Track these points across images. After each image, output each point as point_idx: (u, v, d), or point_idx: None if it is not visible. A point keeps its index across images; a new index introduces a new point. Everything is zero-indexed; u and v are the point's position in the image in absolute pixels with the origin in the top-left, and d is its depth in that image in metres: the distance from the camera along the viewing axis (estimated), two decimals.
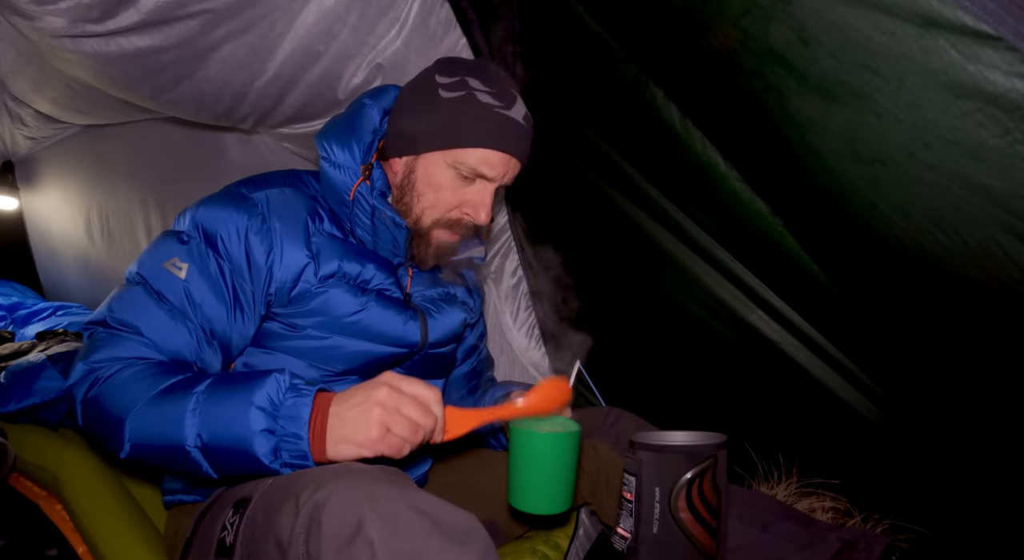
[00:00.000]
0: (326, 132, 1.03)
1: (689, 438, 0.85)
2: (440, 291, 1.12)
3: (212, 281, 0.90)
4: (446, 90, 0.97)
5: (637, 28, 0.98)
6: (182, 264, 0.89)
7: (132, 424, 0.77)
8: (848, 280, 0.96)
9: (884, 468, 1.13)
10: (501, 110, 0.97)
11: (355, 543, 0.61)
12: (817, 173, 0.84)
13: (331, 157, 1.00)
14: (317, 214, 1.00)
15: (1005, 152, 0.67)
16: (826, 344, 1.09)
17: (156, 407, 0.77)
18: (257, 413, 0.74)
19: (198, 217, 0.93)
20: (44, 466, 1.17)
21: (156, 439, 0.76)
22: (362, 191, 0.99)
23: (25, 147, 2.54)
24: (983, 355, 0.89)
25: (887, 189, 0.78)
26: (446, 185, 0.99)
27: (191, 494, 0.96)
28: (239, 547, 0.73)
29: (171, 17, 1.13)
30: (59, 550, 1.08)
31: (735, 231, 1.06)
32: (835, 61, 0.73)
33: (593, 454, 1.08)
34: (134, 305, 0.87)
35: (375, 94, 1.06)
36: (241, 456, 0.74)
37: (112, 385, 0.79)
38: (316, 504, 0.65)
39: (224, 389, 0.77)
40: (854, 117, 0.75)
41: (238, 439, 0.74)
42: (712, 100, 0.93)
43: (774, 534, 0.95)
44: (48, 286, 3.03)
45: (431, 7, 1.27)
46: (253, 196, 0.96)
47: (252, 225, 0.93)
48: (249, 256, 0.92)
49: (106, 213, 2.54)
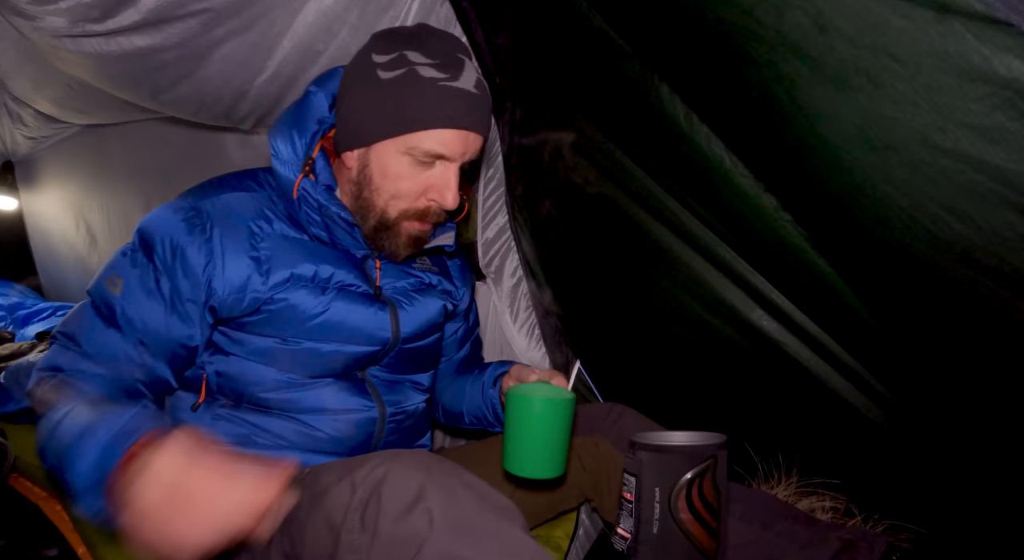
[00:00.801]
0: (273, 127, 0.97)
1: (689, 438, 0.85)
2: (413, 281, 1.07)
3: (147, 293, 0.90)
4: (384, 70, 0.89)
5: (643, 23, 0.98)
6: (119, 280, 0.91)
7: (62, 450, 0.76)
8: (855, 276, 0.96)
9: (884, 468, 1.13)
10: (448, 82, 0.88)
11: (414, 512, 0.63)
12: (827, 163, 0.84)
13: (277, 153, 0.95)
14: (265, 217, 0.95)
15: (1021, 135, 0.67)
16: (829, 342, 1.09)
17: (64, 437, 0.77)
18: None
19: (142, 227, 0.94)
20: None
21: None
22: (305, 187, 0.93)
23: (25, 147, 2.54)
24: (990, 349, 0.89)
25: (899, 176, 0.78)
26: (404, 174, 0.92)
27: None
28: (277, 529, 0.73)
29: (171, 16, 1.13)
30: (59, 550, 1.08)
31: (739, 227, 1.06)
32: (852, 47, 0.73)
33: (595, 451, 1.08)
34: (79, 321, 0.90)
35: (321, 80, 0.99)
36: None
37: (48, 396, 0.82)
38: (376, 479, 0.66)
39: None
40: (869, 104, 0.75)
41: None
42: (719, 93, 0.93)
43: (775, 533, 0.95)
44: (48, 286, 3.03)
45: (431, 6, 1.27)
46: (198, 205, 0.92)
47: (191, 238, 0.90)
48: (184, 268, 0.89)
49: (106, 213, 2.54)
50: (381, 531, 0.63)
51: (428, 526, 0.62)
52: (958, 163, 0.72)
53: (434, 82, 0.88)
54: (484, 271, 1.55)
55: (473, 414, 1.18)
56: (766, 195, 0.98)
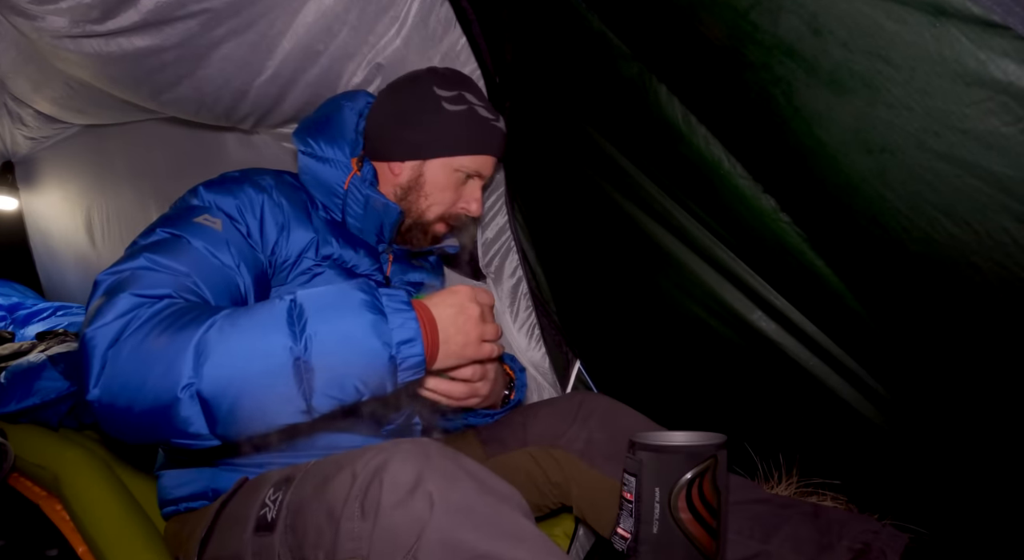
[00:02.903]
0: (309, 129, 1.13)
1: (689, 438, 0.85)
2: (415, 276, 1.23)
3: (242, 242, 0.93)
4: (449, 104, 1.12)
5: (641, 24, 0.98)
6: (214, 219, 0.91)
7: (210, 335, 0.70)
8: (854, 277, 0.96)
9: (884, 468, 1.13)
10: (494, 123, 1.16)
11: (414, 496, 0.64)
12: (824, 165, 0.84)
13: (316, 151, 1.10)
14: (313, 201, 1.09)
15: (1016, 140, 0.67)
16: (827, 343, 1.09)
17: (243, 314, 0.73)
18: (368, 300, 0.75)
19: (208, 194, 0.96)
20: (44, 466, 1.17)
21: (243, 353, 0.70)
22: (355, 182, 1.09)
23: (25, 147, 2.54)
24: (989, 350, 0.89)
25: (896, 179, 0.78)
26: (450, 186, 1.14)
27: (199, 500, 0.95)
28: (281, 521, 0.74)
29: (171, 17, 1.13)
30: (59, 550, 1.08)
31: (738, 228, 1.06)
32: (846, 51, 0.73)
33: (555, 464, 1.05)
34: (177, 252, 0.83)
35: (351, 97, 1.20)
36: (354, 362, 0.72)
37: (164, 315, 0.72)
38: (377, 466, 0.67)
39: (321, 296, 0.76)
40: (864, 107, 0.75)
41: (356, 327, 0.73)
42: (717, 94, 0.93)
43: (776, 544, 0.91)
44: (48, 286, 3.03)
45: (431, 6, 1.27)
46: (256, 178, 1.03)
47: (267, 200, 0.99)
48: (263, 228, 0.98)
49: (106, 213, 2.54)
50: (382, 516, 0.64)
51: (429, 510, 0.62)
52: (954, 167, 0.72)
53: (486, 121, 1.15)
54: (484, 271, 1.56)
55: None
56: (765, 196, 0.98)
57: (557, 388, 1.54)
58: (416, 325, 0.75)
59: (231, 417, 0.70)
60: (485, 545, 0.62)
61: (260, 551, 0.76)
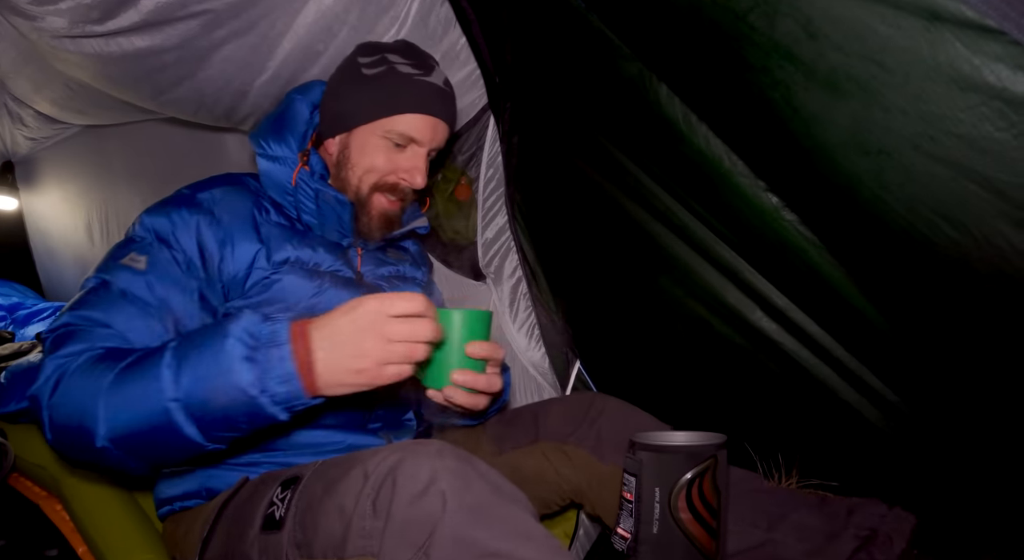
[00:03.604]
0: (261, 130, 1.10)
1: (689, 438, 0.85)
2: (391, 269, 1.17)
3: (171, 272, 0.91)
4: (368, 68, 1.05)
5: (641, 24, 0.98)
6: (140, 257, 0.91)
7: (105, 400, 0.74)
8: (855, 275, 0.96)
9: (884, 469, 1.13)
10: (422, 77, 1.05)
11: (428, 494, 0.65)
12: (824, 166, 0.84)
13: (267, 151, 1.06)
14: (262, 207, 1.04)
15: (1010, 145, 0.67)
16: (829, 343, 1.09)
17: (129, 372, 0.75)
18: (234, 343, 0.73)
19: (147, 220, 0.95)
20: (44, 466, 1.17)
21: (132, 404, 0.73)
22: (303, 177, 1.05)
23: (25, 147, 2.53)
24: (989, 352, 0.89)
25: (893, 181, 0.78)
26: (379, 153, 1.06)
27: (193, 499, 0.95)
28: (291, 519, 0.74)
29: (172, 17, 1.13)
30: (59, 550, 1.08)
31: (739, 227, 1.06)
32: (842, 54, 0.73)
33: (567, 459, 1.05)
34: (99, 303, 0.86)
35: (303, 89, 1.14)
36: (226, 395, 0.72)
37: (82, 370, 0.77)
38: (391, 465, 0.68)
39: (196, 336, 0.77)
40: (860, 110, 0.75)
41: (219, 374, 0.72)
42: (717, 95, 0.93)
43: (782, 532, 0.91)
44: (48, 286, 3.03)
45: (430, 6, 1.27)
46: (198, 195, 1.00)
47: (202, 220, 0.96)
48: (202, 249, 0.95)
49: (106, 213, 2.54)
50: (395, 513, 0.65)
51: (442, 508, 0.63)
52: (950, 171, 0.72)
53: (410, 76, 1.04)
54: (484, 271, 1.56)
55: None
56: (766, 195, 0.98)
57: (557, 388, 1.54)
58: (287, 356, 0.72)
59: (147, 458, 0.77)
60: (496, 543, 0.63)
61: (267, 549, 0.76)
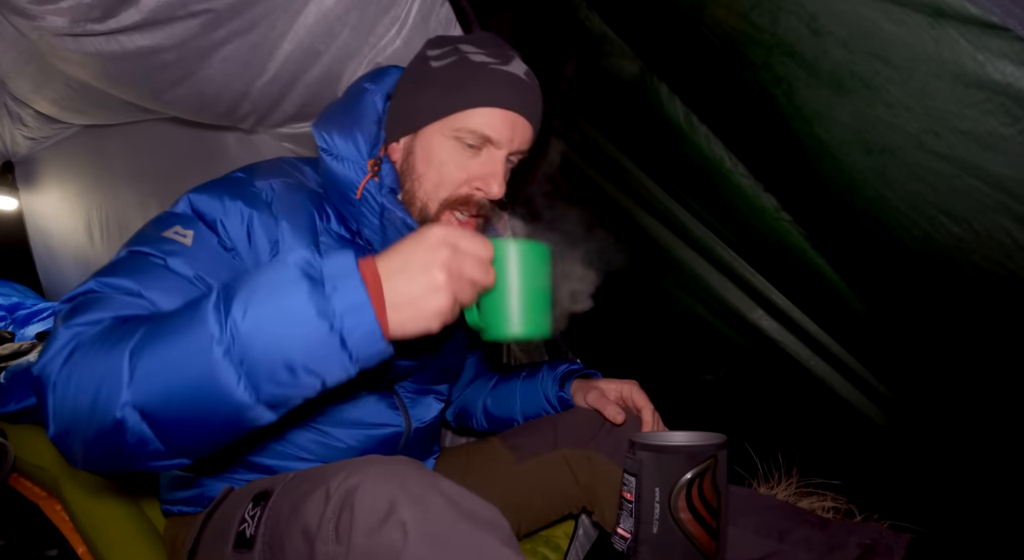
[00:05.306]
0: (325, 120, 0.92)
1: (689, 438, 0.85)
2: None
3: (217, 255, 0.80)
4: (437, 60, 0.89)
5: (642, 25, 0.98)
6: (185, 231, 0.80)
7: (132, 355, 0.62)
8: (854, 275, 0.96)
9: (884, 468, 1.13)
10: (498, 66, 0.87)
11: (387, 525, 0.60)
12: (826, 164, 0.84)
13: (332, 149, 0.90)
14: (324, 212, 0.91)
15: (1015, 140, 0.67)
16: (828, 342, 1.09)
17: (163, 322, 0.64)
18: (296, 273, 0.61)
19: (196, 200, 0.84)
20: (44, 466, 1.17)
21: (167, 354, 0.62)
22: (370, 189, 0.88)
23: (25, 147, 2.54)
24: (989, 349, 0.89)
25: (896, 179, 0.78)
26: (449, 159, 0.88)
27: (192, 505, 0.93)
28: (260, 538, 0.71)
29: (172, 16, 1.13)
30: (59, 550, 1.08)
31: (739, 227, 1.06)
32: (846, 51, 0.74)
33: (588, 464, 1.05)
34: (132, 271, 0.75)
35: (376, 77, 0.95)
36: (288, 337, 0.61)
37: (102, 336, 0.65)
38: (348, 489, 0.63)
39: (245, 276, 0.65)
40: (864, 107, 0.76)
41: (279, 312, 0.60)
42: (719, 94, 0.93)
43: (791, 544, 0.92)
44: (48, 286, 3.03)
45: (431, 6, 1.27)
46: (257, 184, 0.87)
47: (257, 214, 0.83)
48: (251, 238, 0.83)
49: (106, 213, 2.54)
50: (355, 544, 0.61)
51: (403, 539, 0.60)
52: (954, 167, 0.72)
53: (484, 65, 0.87)
54: None
55: (530, 414, 1.15)
56: (766, 195, 0.98)
57: None
58: (357, 284, 0.62)
59: (179, 428, 0.64)
60: None
61: None
